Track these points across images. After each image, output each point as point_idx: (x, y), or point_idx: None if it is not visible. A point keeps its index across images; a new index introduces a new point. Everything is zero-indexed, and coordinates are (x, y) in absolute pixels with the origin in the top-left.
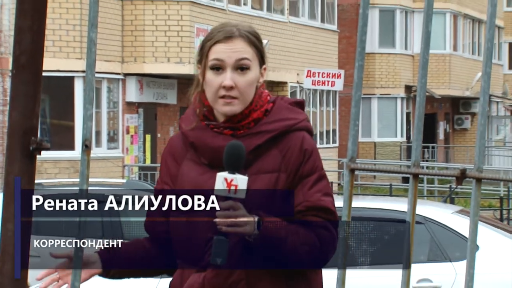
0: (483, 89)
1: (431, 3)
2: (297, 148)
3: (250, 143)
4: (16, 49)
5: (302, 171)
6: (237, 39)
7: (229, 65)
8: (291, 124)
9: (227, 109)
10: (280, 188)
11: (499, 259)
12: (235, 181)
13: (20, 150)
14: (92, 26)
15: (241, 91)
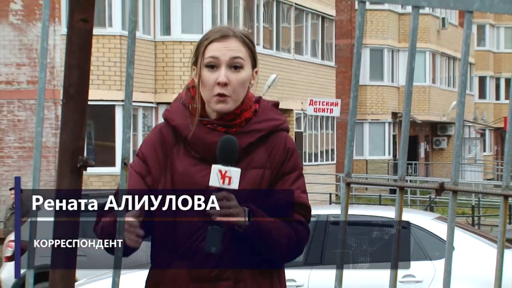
0: (458, 115)
1: (414, 44)
2: (281, 147)
3: (243, 141)
4: (65, 82)
5: (285, 168)
6: (232, 39)
7: (223, 63)
8: (277, 124)
9: (220, 107)
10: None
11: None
12: (228, 173)
13: (69, 167)
14: (130, 63)
15: (234, 88)
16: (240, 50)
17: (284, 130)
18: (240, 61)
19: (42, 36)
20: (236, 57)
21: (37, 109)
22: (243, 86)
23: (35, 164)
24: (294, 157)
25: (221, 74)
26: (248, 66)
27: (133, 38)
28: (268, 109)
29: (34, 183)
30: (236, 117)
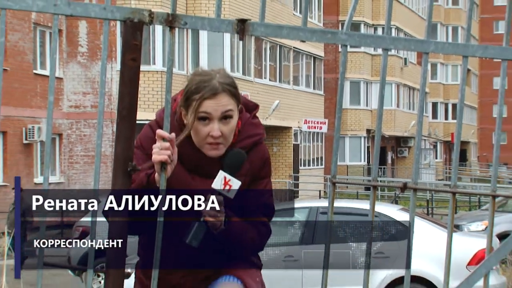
0: (417, 131)
1: (384, 77)
2: (259, 157)
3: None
4: (119, 106)
5: (260, 174)
6: (222, 94)
7: (215, 117)
8: (256, 140)
9: (213, 153)
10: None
11: (426, 239)
12: (231, 182)
13: (121, 171)
14: (168, 92)
15: (225, 136)
16: (229, 103)
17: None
18: (230, 113)
19: (101, 72)
20: (227, 111)
21: (97, 127)
22: (233, 130)
23: (95, 169)
24: (268, 165)
25: (214, 128)
26: (236, 113)
27: (170, 73)
28: (248, 124)
29: (95, 183)
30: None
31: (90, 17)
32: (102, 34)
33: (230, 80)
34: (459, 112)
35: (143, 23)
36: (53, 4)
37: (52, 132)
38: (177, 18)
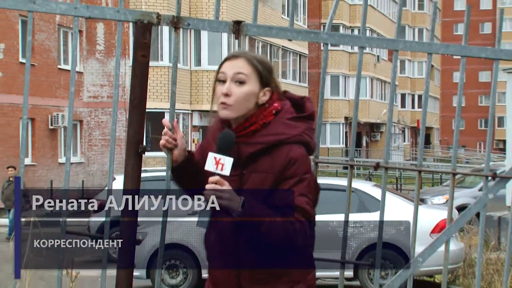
0: (388, 118)
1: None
2: (283, 157)
3: (245, 150)
4: (131, 96)
5: (285, 174)
6: (240, 59)
7: (229, 77)
8: (282, 139)
9: (222, 113)
10: (267, 185)
11: (395, 211)
12: (222, 161)
13: (133, 152)
14: (173, 84)
15: (235, 99)
16: (243, 67)
17: (291, 143)
18: (242, 76)
19: (116, 66)
20: (239, 73)
21: (112, 114)
22: (246, 99)
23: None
24: (296, 165)
25: (225, 86)
26: (253, 82)
27: (175, 68)
28: (280, 123)
29: (110, 163)
30: (245, 129)
31: (106, 19)
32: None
33: (261, 58)
34: (424, 102)
35: (152, 24)
36: (73, 8)
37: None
38: (181, 20)
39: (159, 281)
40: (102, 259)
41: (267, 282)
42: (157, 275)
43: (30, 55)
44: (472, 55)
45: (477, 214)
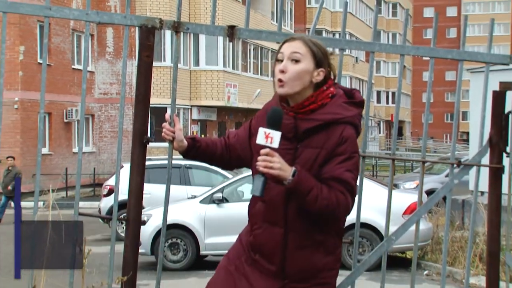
0: (366, 112)
1: (340, 71)
2: (337, 135)
3: (303, 126)
4: (137, 92)
5: (336, 151)
6: (297, 40)
7: (286, 56)
8: (336, 118)
9: (279, 90)
10: (320, 159)
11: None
12: (271, 135)
13: (138, 142)
14: (174, 81)
15: (290, 76)
16: (299, 48)
17: (344, 123)
18: (297, 55)
19: (123, 66)
20: (294, 52)
21: (120, 109)
22: (299, 76)
23: (118, 141)
24: (347, 144)
25: (282, 64)
26: (307, 62)
27: (176, 67)
28: (337, 105)
29: (118, 152)
30: (304, 107)
31: (114, 23)
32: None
33: (316, 41)
34: (397, 98)
35: (155, 28)
36: (85, 14)
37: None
38: (181, 25)
39: (161, 257)
40: (111, 238)
41: (308, 249)
42: (160, 251)
43: (47, 56)
44: (440, 56)
45: (444, 198)
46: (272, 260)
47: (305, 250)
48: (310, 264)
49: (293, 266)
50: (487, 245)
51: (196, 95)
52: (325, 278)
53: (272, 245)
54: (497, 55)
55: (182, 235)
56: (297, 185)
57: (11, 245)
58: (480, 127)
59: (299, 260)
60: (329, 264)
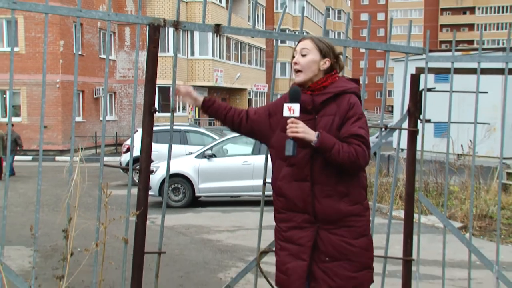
0: None
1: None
2: (345, 102)
3: (319, 98)
4: (146, 74)
5: (348, 115)
6: (306, 40)
7: (297, 52)
8: (343, 89)
9: (296, 79)
10: (336, 124)
11: None
12: (292, 107)
13: (148, 112)
14: (174, 65)
15: (302, 66)
16: (307, 44)
17: (349, 92)
18: (305, 50)
19: (136, 55)
20: (303, 48)
21: (134, 87)
22: (308, 66)
23: (133, 111)
24: (355, 108)
25: (295, 58)
26: (314, 54)
27: (175, 56)
28: (342, 80)
29: (133, 120)
30: (318, 85)
31: (129, 22)
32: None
33: (324, 39)
34: None
35: (160, 26)
36: (107, 15)
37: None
38: (179, 23)
39: (166, 198)
40: (128, 183)
41: (333, 198)
42: (164, 193)
43: (79, 47)
44: (372, 48)
45: (374, 153)
46: (305, 209)
47: (330, 199)
48: (336, 210)
49: (322, 212)
50: (405, 187)
51: (192, 77)
52: (351, 222)
53: (303, 197)
54: (414, 47)
55: (182, 182)
56: (322, 143)
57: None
58: (401, 101)
59: (326, 207)
60: (355, 211)
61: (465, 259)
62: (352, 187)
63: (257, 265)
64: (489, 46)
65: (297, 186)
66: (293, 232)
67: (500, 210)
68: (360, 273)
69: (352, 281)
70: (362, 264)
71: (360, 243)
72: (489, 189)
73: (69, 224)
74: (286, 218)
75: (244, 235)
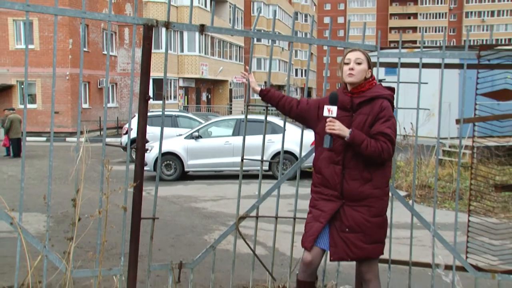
0: (287, 82)
1: (271, 56)
2: (378, 105)
3: (357, 101)
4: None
5: (379, 115)
6: (357, 51)
7: (352, 61)
8: (378, 94)
9: (349, 79)
10: (368, 122)
11: (292, 132)
12: (331, 109)
13: (143, 99)
14: (166, 60)
15: (356, 72)
16: (360, 55)
17: (383, 98)
18: (360, 60)
19: (133, 50)
20: (357, 58)
21: (131, 78)
22: (361, 73)
23: (130, 98)
24: (386, 111)
25: (351, 65)
26: (365, 64)
27: (166, 52)
28: (378, 87)
29: (130, 106)
30: (357, 90)
31: (127, 22)
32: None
33: (365, 51)
34: (307, 73)
35: (153, 26)
36: (108, 16)
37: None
38: (170, 24)
39: (159, 172)
40: (126, 160)
41: (358, 181)
42: (158, 168)
43: (84, 42)
44: (333, 45)
45: None
46: (335, 187)
47: (356, 181)
48: (359, 191)
49: (348, 191)
50: None
51: (181, 71)
52: (371, 202)
53: (335, 178)
54: (367, 45)
55: (173, 159)
56: (353, 139)
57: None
58: None
59: (352, 188)
60: (375, 194)
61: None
62: (375, 174)
63: (236, 229)
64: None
65: (332, 168)
66: (321, 202)
67: (437, 181)
68: (371, 245)
69: (364, 251)
70: (374, 238)
71: (376, 221)
72: (428, 164)
73: (77, 194)
74: (319, 191)
75: (226, 204)
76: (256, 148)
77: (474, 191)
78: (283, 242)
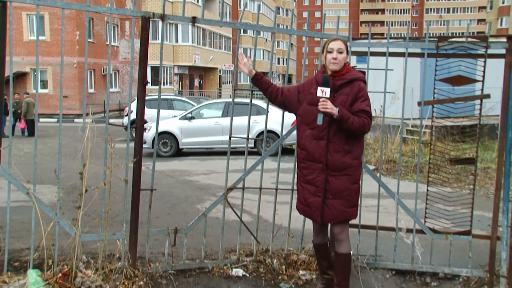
0: (269, 69)
1: (255, 46)
2: (357, 86)
3: (338, 83)
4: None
5: (358, 95)
6: (339, 41)
7: (335, 50)
8: (356, 77)
9: (333, 67)
10: (349, 102)
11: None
12: (325, 90)
13: (141, 84)
14: (161, 48)
15: (339, 61)
16: (341, 45)
17: (360, 80)
18: (342, 50)
19: (132, 41)
20: (340, 48)
21: (130, 66)
22: (343, 61)
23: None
24: (363, 91)
25: (334, 55)
26: (345, 52)
27: (162, 42)
28: (354, 71)
29: (129, 91)
30: (338, 74)
31: (127, 15)
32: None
33: (345, 40)
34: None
35: (150, 18)
36: (109, 9)
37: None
38: (165, 16)
39: (156, 149)
40: (127, 138)
41: (340, 153)
42: (155, 146)
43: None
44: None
45: None
46: (320, 160)
47: (339, 153)
48: (341, 162)
49: (332, 162)
50: None
51: (176, 59)
52: (351, 171)
53: (319, 151)
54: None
55: (169, 137)
56: (341, 116)
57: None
58: None
59: (335, 159)
60: (354, 164)
61: (376, 192)
62: (354, 146)
63: (225, 199)
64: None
65: (316, 143)
66: (311, 176)
67: (401, 156)
68: (350, 209)
69: (344, 214)
70: (352, 202)
71: (354, 188)
72: (393, 141)
73: (84, 169)
74: (306, 166)
75: (216, 177)
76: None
77: (432, 165)
78: (267, 211)
